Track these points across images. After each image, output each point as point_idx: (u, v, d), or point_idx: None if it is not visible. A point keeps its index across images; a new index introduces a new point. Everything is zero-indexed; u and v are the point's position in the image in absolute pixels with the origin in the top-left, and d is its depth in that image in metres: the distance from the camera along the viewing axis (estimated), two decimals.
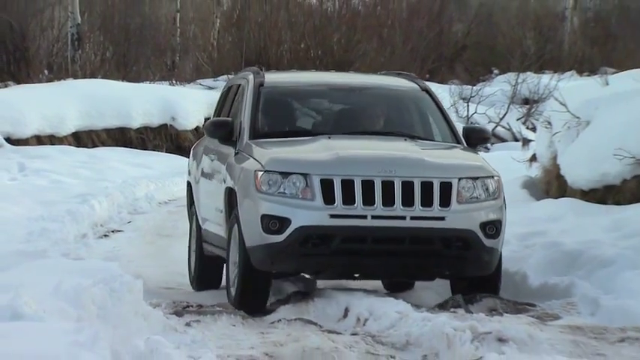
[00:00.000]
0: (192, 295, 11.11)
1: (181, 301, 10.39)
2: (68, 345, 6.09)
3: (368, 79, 12.31)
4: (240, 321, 9.44)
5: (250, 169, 9.68)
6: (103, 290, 8.42)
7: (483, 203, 9.58)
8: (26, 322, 7.13)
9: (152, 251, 14.54)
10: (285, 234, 9.36)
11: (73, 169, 21.21)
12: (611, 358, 7.63)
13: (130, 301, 8.61)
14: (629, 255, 10.09)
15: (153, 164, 23.18)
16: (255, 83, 10.78)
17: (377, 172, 9.39)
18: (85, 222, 15.79)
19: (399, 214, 9.37)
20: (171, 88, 29.72)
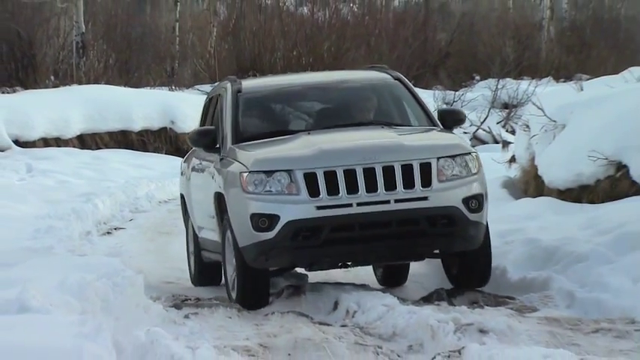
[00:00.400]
0: (191, 289, 11.12)
1: (180, 294, 10.40)
2: (73, 336, 6.09)
3: (341, 75, 12.30)
4: (235, 313, 9.43)
5: (236, 171, 9.51)
6: (106, 284, 8.42)
7: (464, 179, 9.41)
8: (33, 315, 7.12)
9: (152, 248, 14.53)
10: (275, 230, 9.18)
11: (77, 169, 21.22)
12: (585, 348, 7.63)
13: (131, 294, 8.61)
14: (602, 251, 10.09)
15: (153, 165, 23.17)
16: (232, 90, 10.61)
17: (357, 161, 9.22)
18: (89, 220, 15.80)
19: (383, 199, 9.21)
20: (170, 94, 29.72)
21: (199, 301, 9.94)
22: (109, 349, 6.13)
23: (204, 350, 6.97)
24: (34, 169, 20.87)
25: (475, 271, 9.84)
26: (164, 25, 41.57)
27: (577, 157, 12.72)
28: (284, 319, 9.08)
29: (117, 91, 27.42)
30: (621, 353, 7.55)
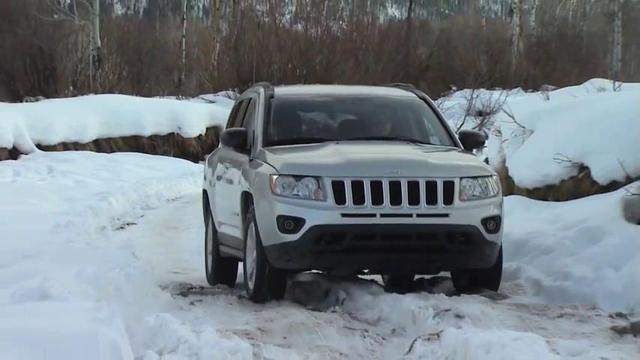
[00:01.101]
0: (195, 278, 11.08)
1: (186, 283, 10.39)
2: (89, 321, 6.07)
3: (369, 91, 11.69)
4: (236, 301, 9.42)
5: (265, 173, 9.00)
6: (119, 274, 8.41)
7: (484, 200, 8.91)
8: (53, 302, 7.11)
9: (161, 241, 14.52)
10: (299, 233, 8.68)
11: (94, 171, 21.19)
12: (551, 331, 7.63)
13: (142, 283, 8.61)
14: (566, 244, 10.10)
15: (162, 167, 23.16)
16: (265, 96, 10.10)
17: (384, 173, 8.71)
18: (104, 216, 15.80)
19: (405, 212, 8.69)
20: (177, 102, 29.69)
21: (203, 290, 9.92)
22: (121, 333, 6.11)
23: (207, 334, 6.96)
24: (54, 171, 20.84)
25: (484, 287, 9.24)
26: (172, 40, 41.62)
27: (544, 160, 12.73)
28: (280, 305, 9.07)
29: (129, 99, 27.45)
30: (583, 336, 7.56)
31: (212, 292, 9.75)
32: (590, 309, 8.43)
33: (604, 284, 8.89)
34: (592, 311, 8.37)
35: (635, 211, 10.43)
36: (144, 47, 36.85)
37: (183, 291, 9.78)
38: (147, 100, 28.54)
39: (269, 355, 6.97)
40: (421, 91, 11.01)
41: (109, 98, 27.10)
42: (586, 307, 8.47)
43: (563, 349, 6.87)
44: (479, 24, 57.20)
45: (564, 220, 10.95)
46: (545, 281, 9.31)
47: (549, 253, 9.93)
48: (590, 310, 8.41)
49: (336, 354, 7.03)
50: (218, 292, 9.70)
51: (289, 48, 31.40)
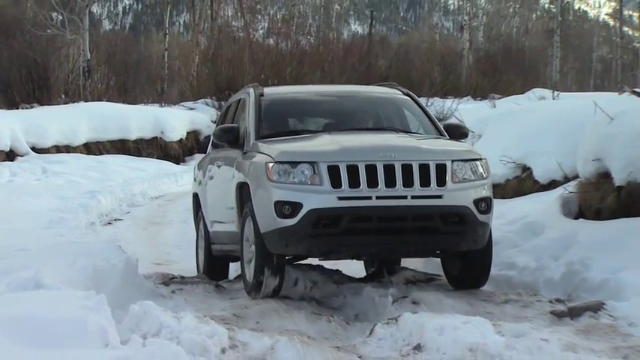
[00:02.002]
0: (177, 269, 11.05)
1: (168, 274, 10.34)
2: (79, 308, 6.04)
3: (355, 88, 10.95)
4: (213, 289, 9.40)
5: (261, 161, 8.43)
6: (106, 266, 8.37)
7: (475, 182, 8.36)
8: (46, 291, 7.07)
9: (145, 235, 14.47)
10: (297, 217, 8.07)
11: (84, 171, 21.08)
12: (497, 316, 7.67)
13: (127, 274, 8.56)
14: (510, 237, 10.14)
15: (146, 168, 23.07)
16: (255, 94, 9.62)
17: (379, 157, 8.15)
18: (93, 213, 15.73)
19: (400, 194, 8.10)
20: (160, 109, 29.59)
21: (184, 280, 9.89)
22: (108, 319, 6.09)
23: (187, 319, 6.94)
24: (48, 171, 20.71)
25: (476, 272, 8.74)
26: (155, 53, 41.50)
27: (491, 161, 12.70)
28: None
29: (116, 107, 27.33)
30: (526, 319, 7.60)
31: (192, 281, 9.72)
32: (532, 295, 8.49)
33: (544, 273, 8.94)
34: (534, 297, 8.42)
35: (571, 207, 10.51)
36: (130, 59, 36.78)
37: (165, 280, 9.74)
38: (132, 107, 28.46)
39: (243, 338, 6.96)
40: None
41: (97, 105, 27.00)
42: (529, 293, 8.52)
43: (507, 332, 6.91)
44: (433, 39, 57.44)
45: (509, 215, 11.00)
46: (492, 271, 9.35)
47: (496, 246, 9.95)
48: (532, 296, 8.47)
49: (304, 337, 7.03)
50: (197, 282, 9.68)
51: (262, 60, 31.35)
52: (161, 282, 9.61)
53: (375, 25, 56.36)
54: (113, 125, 25.41)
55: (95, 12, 59.77)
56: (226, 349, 6.46)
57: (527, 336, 6.93)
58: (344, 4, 63.42)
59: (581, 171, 10.46)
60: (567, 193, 10.65)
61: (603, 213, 9.92)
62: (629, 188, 9.85)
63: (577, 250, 9.17)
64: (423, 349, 6.66)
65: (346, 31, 59.46)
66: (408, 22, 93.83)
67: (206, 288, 9.40)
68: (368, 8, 69.62)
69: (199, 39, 38.90)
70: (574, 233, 9.63)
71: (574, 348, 6.65)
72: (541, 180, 12.31)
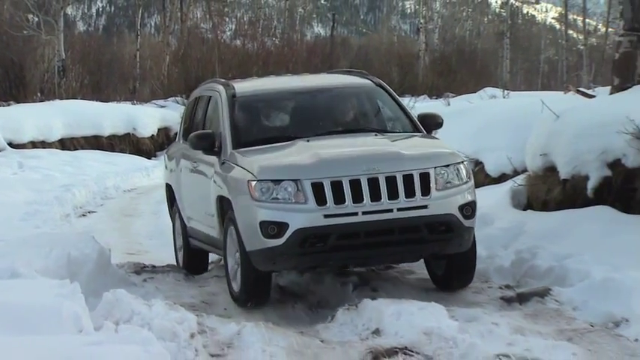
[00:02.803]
0: (148, 259, 10.99)
1: (139, 263, 10.27)
2: (54, 296, 6.00)
3: (326, 80, 9.81)
4: (183, 278, 9.37)
5: (243, 178, 7.76)
6: (80, 255, 8.31)
7: (459, 187, 7.79)
8: (22, 280, 7.02)
9: (118, 226, 14.37)
10: (284, 237, 7.46)
11: (59, 166, 20.89)
12: (451, 301, 7.70)
13: (100, 263, 8.51)
14: None
15: (119, 162, 22.91)
16: (228, 95, 8.88)
17: (362, 171, 7.54)
18: (68, 205, 15.61)
19: (386, 208, 7.51)
20: (132, 107, 29.41)
21: (155, 269, 9.83)
22: (82, 306, 6.05)
23: (158, 306, 6.91)
24: (24, 166, 20.50)
25: (461, 273, 8.22)
26: (127, 53, 41.24)
27: None
28: (221, 281, 9.03)
29: (90, 104, 27.16)
30: (478, 305, 7.65)
31: (162, 270, 9.67)
32: (484, 282, 8.54)
33: (495, 261, 9.00)
34: (485, 284, 8.47)
35: (520, 199, 10.59)
36: (103, 59, 36.59)
37: (137, 269, 9.68)
38: (106, 104, 28.29)
39: (211, 324, 6.95)
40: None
41: (72, 103, 26.82)
42: (480, 280, 8.57)
43: (460, 316, 6.95)
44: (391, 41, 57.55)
45: None
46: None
47: None
48: (484, 283, 8.52)
49: (270, 323, 7.03)
50: (167, 271, 9.63)
51: (229, 60, 31.29)
52: (133, 271, 9.56)
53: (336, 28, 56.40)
54: (87, 122, 25.24)
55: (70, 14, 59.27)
56: (195, 335, 6.44)
57: (479, 320, 6.99)
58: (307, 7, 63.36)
59: (529, 165, 10.54)
60: (517, 185, 10.72)
61: (550, 204, 10.01)
62: (573, 181, 9.94)
63: (525, 239, 9.24)
64: (381, 333, 6.69)
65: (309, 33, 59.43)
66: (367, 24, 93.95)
67: (176, 276, 9.36)
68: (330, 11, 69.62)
69: (170, 40, 38.71)
70: (523, 223, 9.70)
71: (522, 331, 6.70)
72: (492, 174, 12.38)
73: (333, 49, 41.72)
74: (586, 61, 44.05)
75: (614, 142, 9.52)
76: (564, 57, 47.16)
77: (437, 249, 7.84)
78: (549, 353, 5.97)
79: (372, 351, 6.16)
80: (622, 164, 9.54)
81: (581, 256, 8.43)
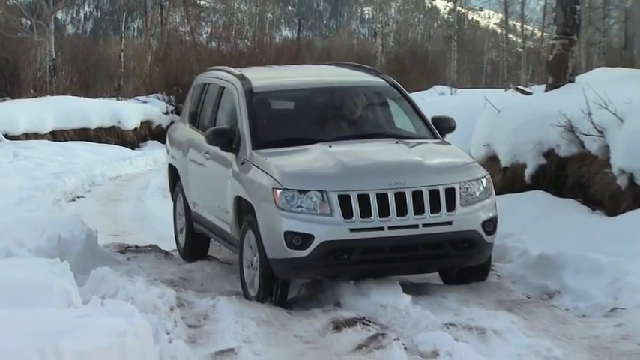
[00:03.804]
0: (132, 239, 10.91)
1: (124, 243, 10.21)
2: (45, 273, 5.95)
3: (342, 78, 8.58)
4: (164, 257, 9.31)
5: (267, 185, 6.90)
6: (70, 237, 8.24)
7: (482, 203, 7.01)
8: (17, 259, 6.95)
9: (105, 210, 14.27)
10: (309, 249, 6.66)
11: (51, 156, 20.67)
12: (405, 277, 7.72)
13: (88, 243, 8.45)
14: None
15: (105, 153, 22.72)
16: (245, 90, 7.90)
17: (389, 185, 6.75)
18: (59, 191, 15.47)
19: (412, 223, 6.75)
20: (117, 102, 29.16)
21: (138, 248, 9.76)
22: (71, 282, 6.00)
23: (140, 282, 6.89)
24: (19, 155, 20.26)
25: (475, 275, 7.37)
26: (113, 53, 40.85)
27: None
28: (199, 260, 9.01)
29: (79, 100, 26.96)
30: (428, 280, 7.68)
31: (145, 250, 9.61)
32: None
33: None
34: None
35: None
36: (90, 59, 36.25)
37: (121, 249, 9.61)
38: (93, 100, 28.03)
39: (189, 298, 6.93)
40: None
41: (62, 99, 26.60)
42: None
43: (413, 290, 6.99)
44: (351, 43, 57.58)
45: None
46: None
47: None
48: None
49: (240, 296, 7.03)
50: (149, 250, 9.57)
51: (205, 60, 31.05)
52: (118, 250, 9.49)
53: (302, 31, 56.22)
54: (76, 116, 25.08)
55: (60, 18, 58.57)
56: (174, 308, 6.42)
57: (430, 293, 7.04)
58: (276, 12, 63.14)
59: (474, 155, 10.59)
60: None
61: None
62: (513, 169, 10.03)
63: None
64: (342, 306, 6.70)
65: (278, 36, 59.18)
66: (330, 28, 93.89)
67: (157, 255, 9.31)
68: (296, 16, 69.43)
69: (151, 42, 38.42)
70: None
71: (467, 302, 6.76)
72: None
73: (299, 51, 41.60)
74: (524, 62, 44.38)
75: (549, 134, 9.60)
76: (505, 58, 47.39)
77: (457, 263, 7.11)
78: (490, 321, 6.02)
79: (333, 321, 6.17)
80: (555, 154, 9.63)
81: (520, 235, 8.50)
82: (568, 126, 9.36)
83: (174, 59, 31.20)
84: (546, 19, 42.14)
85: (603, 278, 6.93)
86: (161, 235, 11.09)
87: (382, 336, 5.67)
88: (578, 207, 9.10)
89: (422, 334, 5.74)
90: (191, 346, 5.75)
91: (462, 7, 49.95)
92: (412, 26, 62.48)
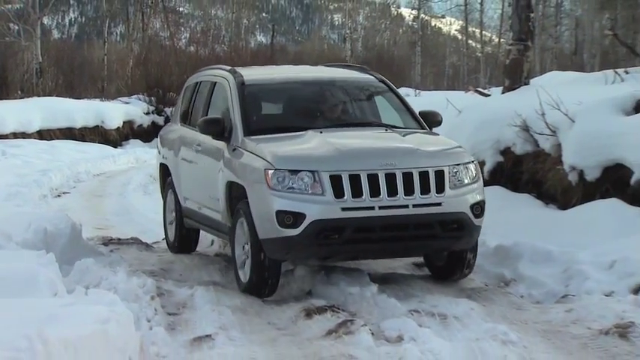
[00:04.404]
0: (114, 233, 10.84)
1: (107, 236, 10.14)
2: (32, 265, 5.89)
3: (331, 74, 8.33)
4: (144, 249, 9.25)
5: (259, 167, 6.60)
6: (55, 230, 8.16)
7: (470, 186, 6.72)
8: (4, 251, 6.87)
9: (89, 205, 14.16)
10: (300, 227, 6.33)
11: (37, 153, 20.50)
12: (373, 267, 7.74)
13: (73, 236, 8.37)
14: None
15: (89, 151, 22.58)
16: (236, 83, 7.61)
17: (379, 166, 6.47)
18: (45, 187, 15.34)
19: (402, 203, 6.44)
20: (101, 103, 28.96)
21: (120, 241, 9.71)
22: (57, 273, 5.95)
23: (122, 273, 6.85)
24: (7, 153, 20.06)
25: (463, 266, 7.12)
26: (96, 57, 40.54)
27: None
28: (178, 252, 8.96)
29: (64, 101, 26.77)
30: (394, 269, 7.71)
31: (127, 242, 9.55)
32: None
33: None
34: None
35: None
36: (75, 62, 35.96)
37: (104, 242, 9.55)
38: (78, 101, 27.85)
39: (168, 287, 6.90)
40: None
41: (48, 100, 26.40)
42: None
43: (380, 280, 7.01)
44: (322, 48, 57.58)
45: None
46: None
47: None
48: None
49: (218, 286, 7.01)
50: (131, 243, 9.51)
51: (184, 64, 30.95)
52: (101, 243, 9.43)
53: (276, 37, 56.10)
54: (61, 116, 24.91)
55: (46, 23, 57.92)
56: (155, 297, 6.40)
57: (396, 282, 7.06)
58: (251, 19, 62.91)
59: None
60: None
61: None
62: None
63: None
64: (313, 294, 6.71)
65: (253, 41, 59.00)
66: (302, 34, 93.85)
67: (139, 247, 9.25)
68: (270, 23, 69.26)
69: (133, 46, 38.17)
70: None
71: (431, 290, 6.80)
72: None
73: (273, 55, 41.53)
74: (483, 66, 44.65)
75: (506, 133, 9.66)
76: (465, 62, 47.64)
77: (446, 245, 6.79)
78: (452, 308, 6.06)
79: (305, 309, 6.17)
80: (512, 151, 9.70)
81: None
82: (523, 125, 9.43)
83: (155, 63, 31.04)
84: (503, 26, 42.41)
85: (555, 267, 6.99)
86: (142, 229, 11.04)
87: (350, 322, 5.68)
88: (533, 201, 9.17)
89: (388, 320, 5.75)
90: (170, 333, 5.73)
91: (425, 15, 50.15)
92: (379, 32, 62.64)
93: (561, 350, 5.24)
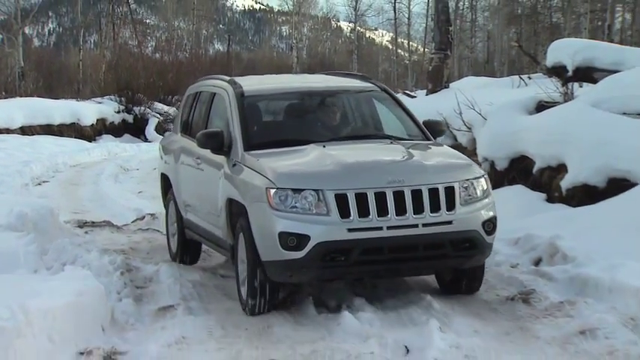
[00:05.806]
0: (89, 217, 10.62)
1: (82, 220, 9.94)
2: (15, 245, 5.77)
3: (333, 82, 7.01)
4: (115, 231, 9.11)
5: (260, 185, 5.43)
6: (36, 214, 7.97)
7: (481, 202, 5.58)
8: None
9: (66, 192, 13.88)
10: (304, 250, 5.21)
11: (20, 147, 19.98)
12: None
13: (52, 220, 8.19)
14: None
15: (67, 145, 22.11)
16: (236, 94, 6.37)
17: (387, 183, 5.33)
18: (27, 176, 15.00)
19: (411, 223, 5.32)
20: (77, 103, 28.37)
21: (94, 224, 9.53)
22: (37, 252, 5.84)
23: (95, 252, 6.75)
24: None
25: (471, 280, 5.88)
26: (73, 63, 39.80)
27: None
28: (146, 233, 8.87)
29: (44, 101, 26.20)
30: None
31: (99, 225, 9.39)
32: None
33: None
34: None
35: None
36: (53, 67, 35.33)
37: (80, 224, 9.37)
38: (56, 101, 27.27)
39: (136, 264, 6.82)
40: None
41: (29, 100, 25.82)
42: None
43: None
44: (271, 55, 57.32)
45: None
46: None
47: None
48: None
49: (181, 264, 6.94)
50: (103, 225, 9.36)
51: (151, 69, 30.52)
52: (77, 225, 9.26)
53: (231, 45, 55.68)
54: (41, 114, 24.42)
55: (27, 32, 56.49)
56: (124, 272, 6.33)
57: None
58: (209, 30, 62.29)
59: None
60: None
61: None
62: None
63: None
64: None
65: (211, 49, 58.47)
66: (254, 43, 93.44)
67: (110, 229, 9.12)
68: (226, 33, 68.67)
69: (105, 53, 37.58)
70: None
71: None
72: None
73: (229, 61, 41.24)
74: (410, 72, 45.05)
75: None
76: (395, 69, 47.98)
77: (457, 264, 5.64)
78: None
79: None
80: None
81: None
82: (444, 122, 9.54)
83: (125, 68, 30.53)
84: (427, 37, 42.85)
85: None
86: (113, 213, 10.87)
87: (296, 294, 5.69)
88: None
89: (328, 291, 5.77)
90: (138, 303, 5.70)
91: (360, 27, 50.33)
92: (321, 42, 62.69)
93: (475, 314, 5.37)
